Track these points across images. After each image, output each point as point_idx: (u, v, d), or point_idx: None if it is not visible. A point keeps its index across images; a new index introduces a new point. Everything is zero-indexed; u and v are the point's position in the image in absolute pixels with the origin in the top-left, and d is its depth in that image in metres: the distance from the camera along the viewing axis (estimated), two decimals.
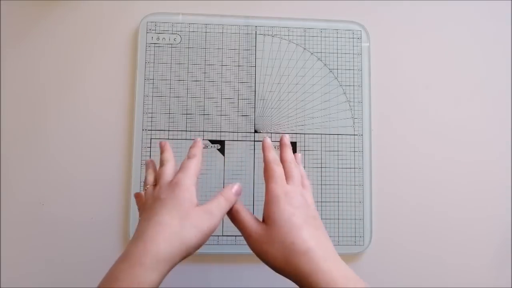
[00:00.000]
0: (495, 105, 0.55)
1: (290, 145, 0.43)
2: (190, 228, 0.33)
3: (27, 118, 0.51)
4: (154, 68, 0.52)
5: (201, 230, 0.33)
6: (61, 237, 0.50)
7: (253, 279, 0.51)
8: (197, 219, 0.34)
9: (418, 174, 0.54)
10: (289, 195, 0.36)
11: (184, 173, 0.36)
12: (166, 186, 0.36)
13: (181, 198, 0.34)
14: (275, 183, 0.37)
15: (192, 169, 0.37)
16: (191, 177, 0.36)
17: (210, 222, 0.34)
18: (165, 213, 0.34)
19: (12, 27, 0.52)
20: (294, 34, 0.54)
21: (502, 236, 0.54)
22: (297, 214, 0.35)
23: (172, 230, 0.32)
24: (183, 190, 0.35)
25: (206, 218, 0.34)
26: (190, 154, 0.40)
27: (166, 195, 0.35)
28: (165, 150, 0.42)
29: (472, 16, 0.57)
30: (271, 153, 0.40)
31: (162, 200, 0.35)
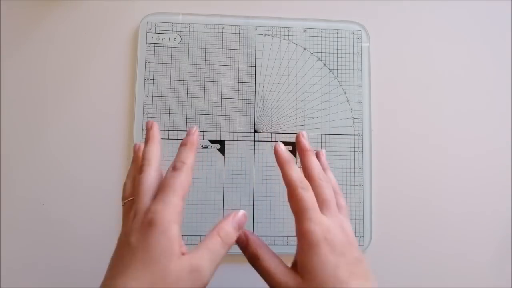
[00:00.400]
0: (495, 106, 0.55)
1: (311, 148, 0.33)
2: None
3: (27, 118, 0.51)
4: (154, 68, 0.52)
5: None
6: (61, 237, 0.50)
7: (253, 279, 0.51)
8: (176, 285, 0.24)
9: (418, 174, 0.54)
10: (329, 236, 0.28)
11: (163, 203, 0.26)
12: (140, 220, 0.25)
13: (156, 251, 0.24)
14: (310, 221, 0.28)
15: (176, 191, 0.26)
16: (172, 208, 0.26)
17: (195, 284, 0.25)
18: (131, 276, 0.24)
19: (12, 27, 0.52)
20: (294, 34, 0.54)
21: (503, 236, 0.54)
22: (342, 265, 0.28)
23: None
24: (159, 236, 0.24)
25: (191, 280, 0.24)
26: (176, 161, 0.29)
27: (137, 240, 0.25)
28: (150, 139, 0.31)
29: (472, 16, 0.57)
30: (294, 170, 0.31)
31: (131, 249, 0.25)
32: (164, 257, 0.24)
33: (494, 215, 0.54)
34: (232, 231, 0.29)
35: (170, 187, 0.26)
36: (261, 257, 0.30)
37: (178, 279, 0.24)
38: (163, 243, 0.24)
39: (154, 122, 0.33)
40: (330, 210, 0.30)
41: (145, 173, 0.28)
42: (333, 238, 0.28)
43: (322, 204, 0.30)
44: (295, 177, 0.31)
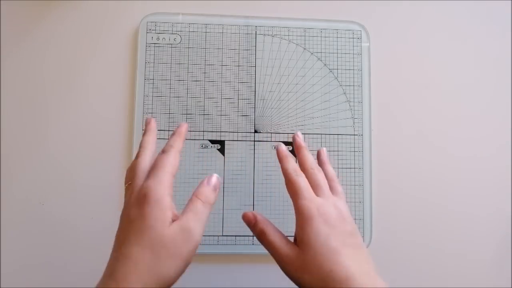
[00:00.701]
0: (495, 105, 0.56)
1: (305, 145, 0.38)
2: (166, 260, 0.28)
3: (27, 118, 0.51)
4: (154, 68, 0.52)
5: (179, 258, 0.28)
6: (61, 237, 0.50)
7: (253, 279, 0.51)
8: (173, 246, 0.28)
9: (418, 174, 0.54)
10: (322, 211, 0.32)
11: (154, 178, 0.30)
12: (136, 196, 0.29)
13: (151, 220, 0.28)
14: (304, 199, 0.32)
15: (165, 168, 0.31)
16: (164, 182, 0.30)
17: (190, 243, 0.29)
18: (133, 241, 0.28)
19: (12, 27, 0.52)
20: (294, 34, 0.54)
21: (503, 236, 0.54)
22: (334, 235, 0.31)
23: (145, 268, 0.27)
24: (153, 207, 0.28)
25: (184, 239, 0.28)
26: (166, 145, 0.33)
27: (134, 213, 0.29)
28: (147, 131, 0.35)
29: (472, 16, 0.57)
30: (290, 162, 0.36)
31: (131, 221, 0.29)
32: (158, 225, 0.28)
33: (494, 215, 0.54)
34: (210, 193, 0.32)
35: (160, 166, 0.31)
36: (267, 232, 0.33)
37: (173, 240, 0.28)
38: (156, 212, 0.28)
39: (153, 118, 0.38)
40: (323, 192, 0.34)
41: (140, 158, 0.33)
42: (325, 213, 0.32)
43: (316, 188, 0.34)
44: (290, 167, 0.35)
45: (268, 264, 0.51)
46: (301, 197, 0.33)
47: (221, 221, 0.51)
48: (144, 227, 0.28)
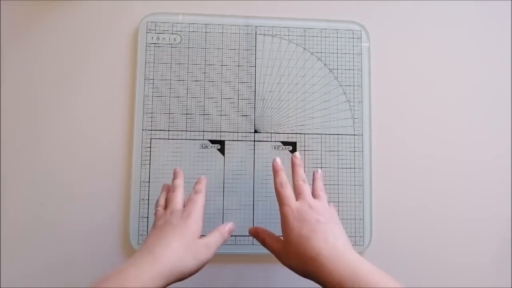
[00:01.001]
0: (495, 105, 0.56)
1: (300, 163, 0.46)
2: (191, 258, 0.38)
3: (26, 118, 0.51)
4: (154, 68, 0.52)
5: (200, 261, 0.38)
6: (61, 237, 0.50)
7: (253, 279, 0.51)
8: (199, 251, 0.39)
9: (418, 174, 0.54)
10: (296, 211, 0.41)
11: (194, 206, 0.42)
12: (179, 214, 0.41)
13: (190, 229, 0.40)
14: (284, 205, 0.42)
15: (199, 203, 0.42)
16: (199, 211, 0.42)
17: (208, 254, 0.39)
18: (175, 239, 0.38)
19: (12, 27, 0.52)
20: (294, 34, 0.54)
21: (502, 235, 0.54)
22: (305, 227, 0.40)
23: (177, 256, 0.37)
24: (193, 223, 0.40)
25: (206, 251, 0.39)
26: (196, 189, 0.44)
27: (178, 222, 0.40)
28: (178, 176, 0.46)
29: (472, 16, 0.57)
30: (279, 176, 0.44)
31: (174, 226, 0.40)
32: (194, 234, 0.40)
33: (494, 215, 0.54)
34: (226, 233, 0.43)
35: (196, 201, 0.42)
36: (265, 238, 0.44)
37: (199, 247, 0.39)
38: (194, 226, 0.40)
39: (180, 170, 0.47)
40: (303, 197, 0.43)
41: (176, 192, 0.44)
42: (299, 212, 0.41)
43: (298, 195, 0.43)
44: (278, 181, 0.44)
45: (268, 264, 0.51)
46: (282, 203, 0.42)
47: (221, 221, 0.51)
48: (185, 232, 0.39)
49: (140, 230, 0.50)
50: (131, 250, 0.49)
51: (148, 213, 0.50)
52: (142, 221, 0.50)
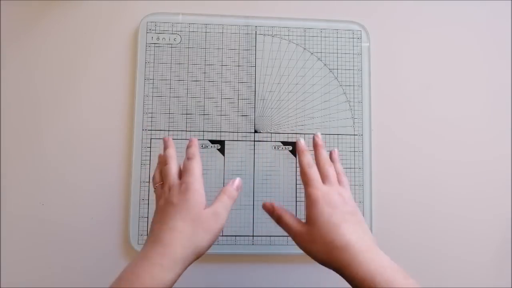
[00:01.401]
0: (495, 105, 0.56)
1: (322, 144, 0.44)
2: (202, 233, 0.36)
3: (26, 118, 0.51)
4: (154, 68, 0.52)
5: (211, 233, 0.37)
6: (61, 237, 0.50)
7: (253, 279, 0.51)
8: (207, 223, 0.37)
9: (418, 174, 0.54)
10: (326, 197, 0.39)
11: (191, 176, 0.39)
12: (177, 190, 0.38)
13: (192, 203, 0.37)
14: (312, 187, 0.40)
15: (196, 170, 0.40)
16: (198, 179, 0.39)
17: (218, 223, 0.37)
18: (178, 218, 0.36)
19: (12, 27, 0.52)
20: (294, 34, 0.54)
21: (503, 235, 0.54)
22: (335, 214, 0.38)
23: (186, 236, 0.36)
24: (193, 194, 0.38)
25: (215, 220, 0.37)
26: (189, 154, 0.41)
27: (178, 199, 0.38)
28: (169, 146, 0.44)
29: (472, 16, 0.57)
30: (306, 156, 0.42)
31: (174, 205, 0.37)
32: (197, 207, 0.37)
33: (494, 215, 0.54)
34: (233, 191, 0.40)
35: (191, 168, 0.39)
36: (283, 216, 0.41)
37: (207, 219, 0.37)
38: (197, 198, 0.37)
39: (170, 137, 0.45)
40: (330, 182, 0.41)
41: (170, 165, 0.41)
42: (329, 197, 0.39)
43: (324, 179, 0.41)
44: (306, 161, 0.42)
45: (268, 264, 0.51)
46: (310, 185, 0.40)
47: None
48: (188, 208, 0.37)
49: (140, 230, 0.50)
50: (131, 250, 0.49)
51: (148, 213, 0.50)
52: (142, 221, 0.50)
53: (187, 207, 0.37)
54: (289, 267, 0.51)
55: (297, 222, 0.40)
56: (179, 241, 0.35)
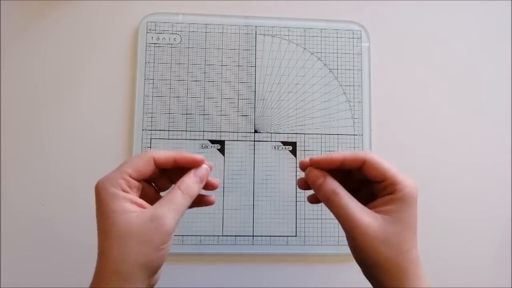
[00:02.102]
0: (495, 105, 0.56)
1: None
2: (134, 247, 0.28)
3: (26, 118, 0.51)
4: (154, 68, 0.52)
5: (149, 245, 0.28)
6: (61, 237, 0.50)
7: (253, 279, 0.51)
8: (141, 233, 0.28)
9: (418, 174, 0.53)
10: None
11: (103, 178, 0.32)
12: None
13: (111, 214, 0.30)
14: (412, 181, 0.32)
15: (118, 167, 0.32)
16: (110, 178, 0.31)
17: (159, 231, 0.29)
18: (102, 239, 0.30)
19: (12, 27, 0.52)
20: (294, 34, 0.54)
21: (503, 235, 0.54)
22: (416, 224, 0.32)
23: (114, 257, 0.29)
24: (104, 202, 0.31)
25: (153, 227, 0.29)
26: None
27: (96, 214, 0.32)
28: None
29: (472, 16, 0.57)
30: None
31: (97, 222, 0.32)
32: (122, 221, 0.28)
33: (495, 215, 0.54)
34: (193, 184, 0.31)
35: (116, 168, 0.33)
36: (341, 194, 0.30)
37: (140, 228, 0.28)
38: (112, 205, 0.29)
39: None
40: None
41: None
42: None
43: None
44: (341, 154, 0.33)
45: (268, 264, 0.51)
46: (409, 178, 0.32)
47: (221, 221, 0.51)
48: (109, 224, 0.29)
49: None
50: None
51: None
52: None
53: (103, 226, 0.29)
54: (289, 267, 0.51)
55: (366, 210, 0.31)
56: (109, 267, 0.29)
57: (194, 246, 0.50)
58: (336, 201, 0.30)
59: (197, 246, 0.50)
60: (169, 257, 0.38)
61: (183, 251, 0.50)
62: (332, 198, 0.30)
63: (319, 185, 0.31)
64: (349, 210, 0.30)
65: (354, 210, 0.30)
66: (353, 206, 0.30)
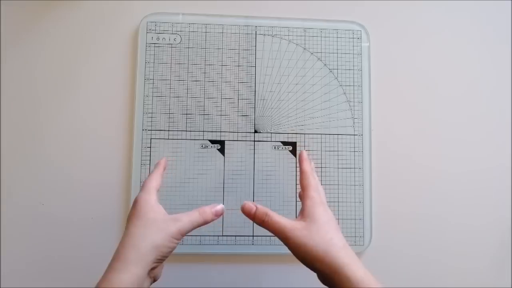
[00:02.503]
0: (495, 105, 0.56)
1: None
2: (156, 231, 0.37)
3: (27, 118, 0.51)
4: (154, 68, 0.52)
5: (166, 232, 0.37)
6: (61, 237, 0.50)
7: (253, 279, 0.51)
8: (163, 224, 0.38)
9: (418, 174, 0.54)
10: (325, 205, 0.41)
11: (142, 191, 0.40)
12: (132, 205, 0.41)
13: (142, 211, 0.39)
14: (315, 192, 0.41)
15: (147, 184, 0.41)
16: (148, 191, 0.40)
17: (176, 226, 0.38)
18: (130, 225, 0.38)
19: (12, 27, 0.52)
20: (294, 34, 0.54)
21: (503, 235, 0.54)
22: (333, 220, 0.40)
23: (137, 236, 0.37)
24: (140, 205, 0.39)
25: (173, 222, 0.38)
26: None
27: (130, 213, 0.39)
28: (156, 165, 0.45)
29: (472, 16, 0.57)
30: (310, 164, 0.44)
31: (128, 218, 0.39)
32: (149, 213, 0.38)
33: (494, 215, 0.54)
34: (209, 213, 0.41)
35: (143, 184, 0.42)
36: (271, 214, 0.39)
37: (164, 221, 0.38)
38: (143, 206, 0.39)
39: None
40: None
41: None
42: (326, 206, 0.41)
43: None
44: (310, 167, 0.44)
45: (268, 264, 0.51)
46: (314, 190, 0.41)
47: (221, 221, 0.51)
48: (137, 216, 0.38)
49: None
50: None
51: None
52: None
53: (137, 215, 0.38)
54: (289, 267, 0.51)
55: (288, 219, 0.40)
56: (130, 242, 0.36)
57: (194, 246, 0.50)
58: (269, 220, 0.39)
59: (197, 246, 0.50)
60: (169, 257, 0.38)
61: (183, 251, 0.50)
62: (266, 219, 0.39)
63: (253, 214, 0.40)
64: (280, 224, 0.39)
65: (284, 222, 0.39)
66: (282, 220, 0.39)
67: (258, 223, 0.40)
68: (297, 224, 0.39)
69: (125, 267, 0.35)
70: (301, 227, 0.38)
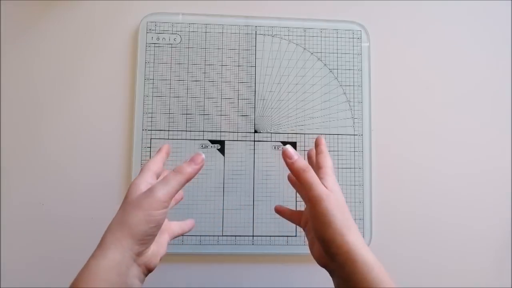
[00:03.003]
0: (495, 105, 0.56)
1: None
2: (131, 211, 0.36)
3: (27, 118, 0.51)
4: (154, 68, 0.52)
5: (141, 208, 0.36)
6: (61, 237, 0.50)
7: (253, 279, 0.51)
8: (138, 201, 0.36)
9: (418, 174, 0.54)
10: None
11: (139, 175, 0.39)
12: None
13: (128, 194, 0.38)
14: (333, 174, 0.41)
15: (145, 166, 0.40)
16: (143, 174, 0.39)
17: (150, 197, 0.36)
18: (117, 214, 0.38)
19: (12, 27, 0.52)
20: (294, 34, 0.54)
21: (502, 236, 0.54)
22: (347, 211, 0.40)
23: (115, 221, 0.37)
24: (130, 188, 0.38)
25: (145, 196, 0.36)
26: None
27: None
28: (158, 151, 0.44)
29: (472, 16, 0.57)
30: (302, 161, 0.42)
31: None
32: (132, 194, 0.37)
33: (494, 215, 0.54)
34: (186, 165, 0.38)
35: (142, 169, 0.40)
36: (311, 170, 0.39)
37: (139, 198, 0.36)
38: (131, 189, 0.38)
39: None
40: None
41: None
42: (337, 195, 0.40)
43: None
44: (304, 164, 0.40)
45: (268, 264, 0.51)
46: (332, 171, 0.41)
47: (221, 221, 0.51)
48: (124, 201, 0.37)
49: None
50: None
51: None
52: None
53: (123, 201, 0.37)
54: (289, 267, 0.51)
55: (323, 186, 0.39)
56: (109, 228, 0.36)
57: (194, 246, 0.50)
58: (307, 175, 0.38)
59: (197, 246, 0.50)
60: (169, 257, 0.38)
61: (183, 251, 0.50)
62: (307, 171, 0.39)
63: (293, 162, 0.40)
64: (317, 184, 0.38)
65: (320, 184, 0.38)
66: (319, 182, 0.38)
67: (295, 174, 0.39)
68: (330, 193, 0.38)
69: (103, 253, 0.36)
70: (333, 198, 0.38)
